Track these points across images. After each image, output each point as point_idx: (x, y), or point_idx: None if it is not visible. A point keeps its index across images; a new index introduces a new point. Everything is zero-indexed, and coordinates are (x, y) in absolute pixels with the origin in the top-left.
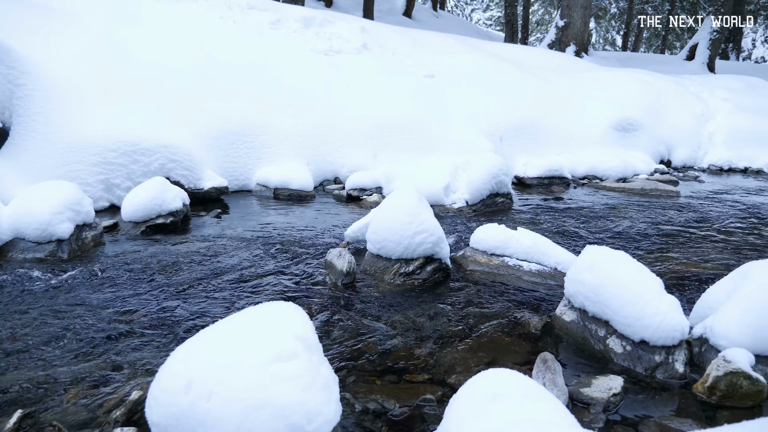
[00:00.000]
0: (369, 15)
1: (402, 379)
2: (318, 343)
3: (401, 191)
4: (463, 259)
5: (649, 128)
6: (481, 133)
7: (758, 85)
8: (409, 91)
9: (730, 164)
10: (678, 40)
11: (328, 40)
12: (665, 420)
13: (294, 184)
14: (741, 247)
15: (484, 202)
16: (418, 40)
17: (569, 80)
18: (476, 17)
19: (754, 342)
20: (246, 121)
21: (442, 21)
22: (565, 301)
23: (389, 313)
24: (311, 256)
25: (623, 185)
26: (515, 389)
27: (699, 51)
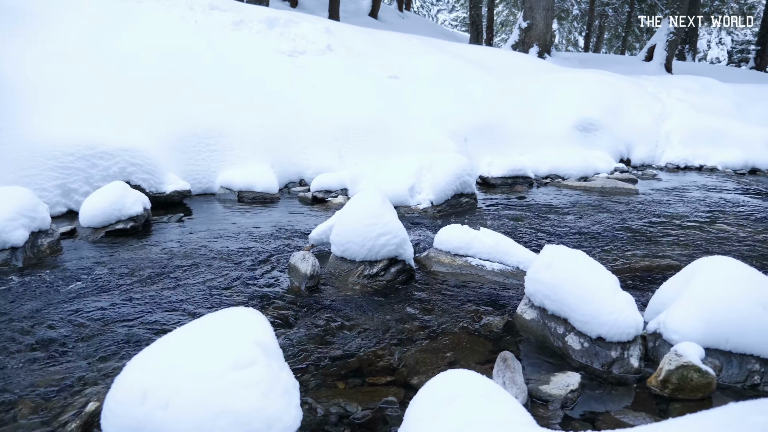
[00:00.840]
0: (335, 16)
1: (365, 382)
2: (278, 349)
3: (364, 193)
4: (427, 260)
5: (610, 128)
6: (445, 134)
7: (712, 85)
8: (374, 92)
9: (686, 162)
10: (637, 41)
11: (292, 41)
12: (620, 414)
13: (258, 186)
14: (695, 243)
15: (448, 203)
16: (383, 41)
17: (532, 81)
18: (442, 18)
19: (704, 336)
20: (209, 123)
21: (407, 22)
22: (525, 299)
23: (353, 315)
24: (275, 259)
25: (584, 184)
26: (472, 389)
27: (657, 52)
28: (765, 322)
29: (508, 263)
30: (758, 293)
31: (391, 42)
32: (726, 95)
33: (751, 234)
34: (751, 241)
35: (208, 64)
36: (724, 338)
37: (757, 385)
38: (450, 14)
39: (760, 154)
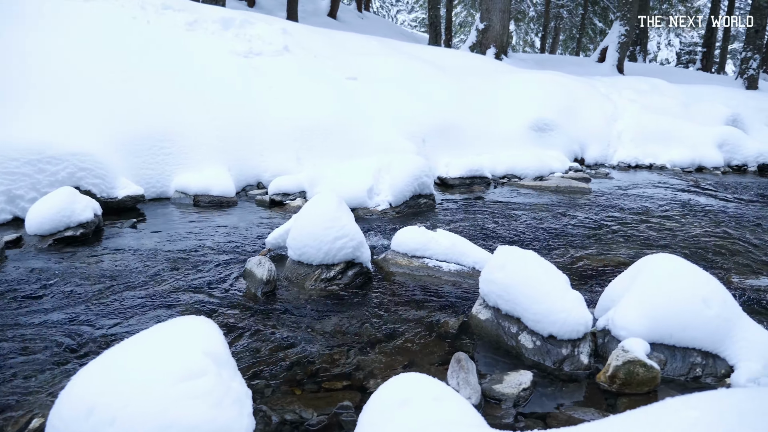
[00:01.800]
0: (293, 16)
1: (321, 387)
2: (230, 358)
3: (321, 197)
4: (384, 262)
5: (564, 128)
6: (404, 135)
7: (661, 86)
8: (332, 93)
9: (637, 161)
10: (591, 42)
11: (248, 42)
12: (570, 410)
13: (215, 190)
14: (644, 240)
15: (407, 204)
16: (340, 42)
17: (489, 82)
18: (401, 18)
19: (650, 331)
20: (163, 126)
21: (367, 22)
22: (480, 300)
23: (310, 320)
24: (231, 265)
25: (540, 183)
26: (424, 393)
27: (609, 54)
28: (705, 316)
29: (464, 264)
30: (699, 289)
31: (349, 43)
32: (674, 96)
33: (696, 230)
34: (695, 238)
35: (161, 66)
36: (668, 333)
37: (699, 377)
38: (409, 15)
39: (705, 152)
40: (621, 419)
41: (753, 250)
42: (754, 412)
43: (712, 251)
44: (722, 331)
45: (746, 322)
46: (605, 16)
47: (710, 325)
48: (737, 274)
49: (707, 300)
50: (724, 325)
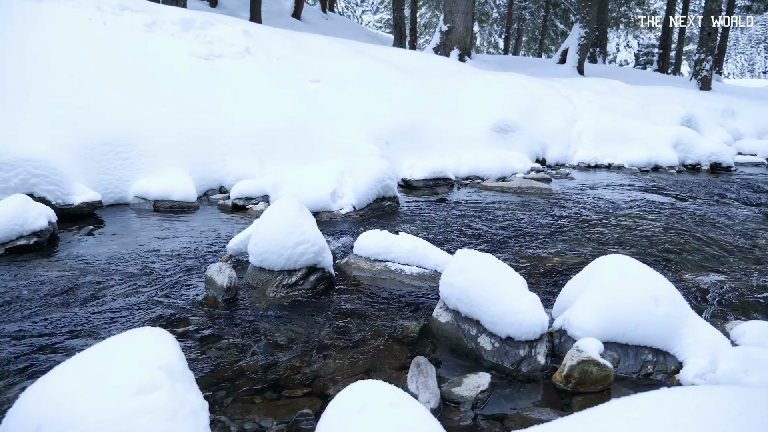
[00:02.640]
0: (256, 17)
1: (282, 395)
2: (185, 370)
3: (282, 202)
4: (347, 267)
5: (526, 129)
6: (367, 138)
7: (619, 87)
8: (295, 96)
9: (596, 161)
10: (553, 44)
11: (208, 44)
12: (527, 411)
13: (175, 195)
14: (603, 240)
15: (371, 207)
16: (304, 44)
17: (453, 83)
18: (366, 19)
19: (604, 331)
20: (121, 130)
21: (331, 23)
22: (440, 303)
23: (271, 327)
24: (192, 272)
25: (502, 184)
26: (381, 400)
27: (569, 55)
28: (656, 315)
29: (426, 267)
30: (650, 289)
31: (313, 44)
32: (631, 96)
33: (652, 229)
34: (651, 236)
35: (118, 69)
36: (621, 332)
37: (650, 374)
38: (374, 16)
39: (661, 152)
40: (566, 422)
41: (705, 248)
42: (690, 411)
43: (667, 249)
44: (672, 329)
45: (694, 319)
46: (566, 18)
47: (660, 324)
48: (689, 271)
49: (657, 299)
50: (674, 323)
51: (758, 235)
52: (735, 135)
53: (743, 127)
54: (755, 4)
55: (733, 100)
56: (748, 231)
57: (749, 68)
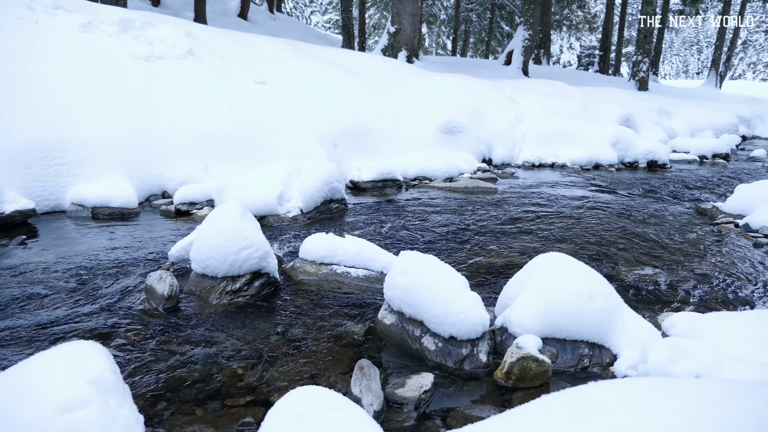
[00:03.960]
0: (201, 17)
1: (224, 405)
2: (119, 383)
3: (224, 206)
4: (292, 271)
5: (472, 130)
6: (314, 140)
7: (561, 88)
8: (240, 98)
9: (540, 160)
10: (500, 45)
11: (149, 45)
12: (469, 409)
13: (115, 201)
14: (545, 237)
15: (318, 209)
16: (249, 45)
17: (400, 85)
18: (315, 20)
19: (542, 327)
20: (55, 135)
21: (279, 23)
22: (385, 305)
23: (214, 335)
24: (132, 281)
25: (449, 185)
26: (320, 405)
27: (515, 57)
28: (591, 310)
29: (372, 269)
30: (585, 284)
31: (259, 46)
32: (573, 97)
33: (592, 225)
34: (591, 233)
35: (52, 71)
36: (558, 328)
37: (587, 368)
38: (323, 16)
39: (601, 151)
40: (497, 420)
41: (640, 243)
42: (612, 406)
43: (605, 245)
44: (606, 322)
45: (627, 313)
46: (512, 21)
47: (595, 318)
48: (625, 266)
49: (592, 295)
50: (607, 317)
51: (690, 230)
52: (670, 133)
53: (678, 125)
54: (687, 8)
55: (669, 100)
56: (680, 226)
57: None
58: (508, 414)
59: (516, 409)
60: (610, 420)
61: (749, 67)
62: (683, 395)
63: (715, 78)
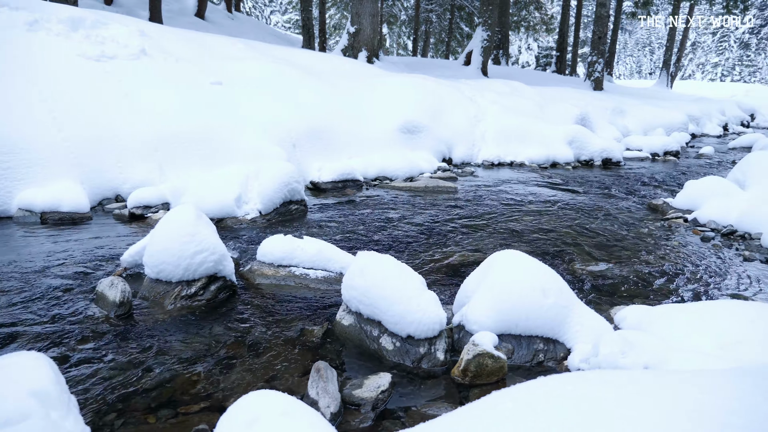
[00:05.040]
0: (156, 16)
1: (178, 412)
2: (63, 394)
3: (178, 209)
4: (250, 274)
5: (432, 130)
6: (273, 141)
7: (520, 88)
8: (196, 99)
9: (500, 159)
10: (460, 46)
11: (100, 45)
12: (426, 407)
13: (65, 206)
14: (503, 235)
15: (277, 211)
16: (205, 45)
17: (360, 85)
18: (275, 20)
19: (497, 324)
20: (0, 138)
21: (237, 23)
22: (343, 306)
23: (168, 341)
24: (82, 289)
25: (410, 184)
26: (273, 409)
27: (474, 57)
28: (545, 305)
29: (331, 270)
30: (539, 281)
31: (215, 45)
32: (531, 97)
33: (549, 222)
34: (547, 230)
35: None
36: (514, 324)
37: (542, 362)
38: (283, 16)
39: (558, 149)
40: (446, 418)
41: (595, 238)
42: (556, 400)
43: (561, 241)
44: (559, 317)
45: (581, 307)
46: (471, 21)
47: (549, 313)
48: (580, 261)
49: (546, 290)
50: (561, 312)
51: (642, 225)
52: (624, 132)
53: (631, 124)
54: (640, 11)
55: (623, 100)
56: (633, 221)
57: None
58: (458, 411)
59: (466, 406)
60: (554, 413)
61: (698, 68)
62: (624, 387)
63: (666, 78)
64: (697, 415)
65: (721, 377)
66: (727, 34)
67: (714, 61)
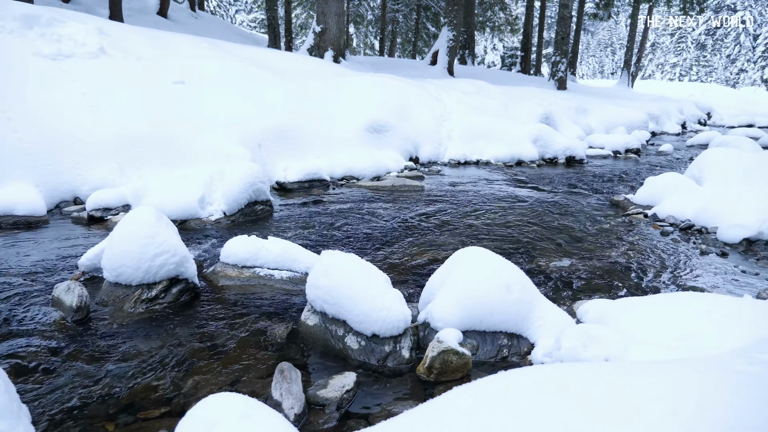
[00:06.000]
0: (116, 14)
1: (137, 419)
2: (12, 404)
3: (137, 211)
4: (213, 275)
5: (399, 129)
6: (238, 141)
7: (485, 88)
8: (158, 99)
9: (466, 158)
10: (426, 46)
11: (56, 43)
12: (391, 405)
13: (20, 209)
14: (468, 233)
15: (242, 212)
16: (166, 43)
17: (327, 85)
18: (240, 19)
19: (462, 321)
20: None
21: (201, 22)
22: (308, 306)
23: (128, 346)
24: (38, 294)
25: (377, 183)
26: (232, 413)
27: (440, 57)
28: (508, 301)
29: (297, 270)
30: (502, 277)
31: (178, 44)
32: (496, 96)
33: (514, 220)
34: (513, 227)
35: None
36: (478, 320)
37: (506, 357)
38: (248, 15)
39: (523, 148)
40: (407, 415)
41: (558, 235)
42: (515, 394)
43: (526, 238)
44: (523, 313)
45: (544, 302)
46: (437, 22)
47: (512, 309)
48: (544, 257)
49: (509, 286)
50: (525, 307)
51: (604, 221)
52: (587, 130)
53: (594, 122)
54: (601, 12)
55: (586, 99)
56: (595, 217)
57: (599, 69)
58: (419, 408)
59: (427, 403)
60: (512, 407)
61: (658, 68)
62: (580, 379)
63: (627, 78)
64: (648, 404)
65: (674, 368)
66: (684, 35)
67: (672, 62)
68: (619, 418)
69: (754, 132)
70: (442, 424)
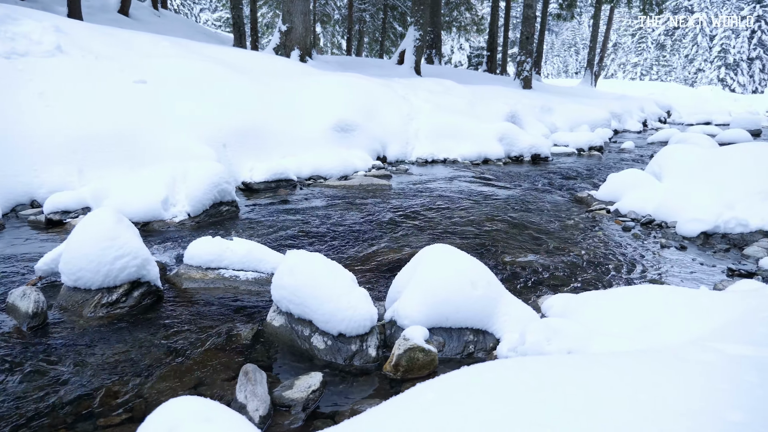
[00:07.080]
0: (75, 12)
1: (97, 426)
2: None
3: (96, 213)
4: (176, 278)
5: (366, 128)
6: (202, 141)
7: (451, 87)
8: (118, 98)
9: (433, 156)
10: (393, 45)
11: (10, 41)
12: (357, 404)
13: None
14: (435, 231)
15: (207, 213)
16: (127, 42)
17: (293, 84)
18: (205, 17)
19: (428, 318)
20: None
21: (164, 21)
22: (274, 306)
23: (88, 351)
24: None
25: (344, 183)
26: (194, 416)
27: (407, 56)
28: (473, 297)
29: (262, 270)
30: (468, 274)
31: (139, 43)
32: (462, 95)
33: (480, 217)
34: (479, 224)
35: None
36: (444, 317)
37: (472, 353)
38: (213, 14)
39: (489, 146)
40: (371, 412)
41: (524, 231)
42: (475, 388)
43: (492, 235)
44: (488, 309)
45: (509, 298)
46: (404, 21)
47: (478, 305)
48: (509, 253)
49: (474, 282)
50: (490, 303)
51: (568, 217)
52: (552, 128)
53: (558, 121)
54: (564, 12)
55: (550, 98)
56: (559, 214)
57: (564, 69)
58: (382, 405)
59: (391, 400)
60: (472, 401)
61: (620, 67)
62: (540, 372)
63: (590, 77)
64: (606, 392)
65: (632, 358)
66: (645, 35)
67: (634, 61)
68: (576, 408)
69: (711, 129)
70: (404, 419)
